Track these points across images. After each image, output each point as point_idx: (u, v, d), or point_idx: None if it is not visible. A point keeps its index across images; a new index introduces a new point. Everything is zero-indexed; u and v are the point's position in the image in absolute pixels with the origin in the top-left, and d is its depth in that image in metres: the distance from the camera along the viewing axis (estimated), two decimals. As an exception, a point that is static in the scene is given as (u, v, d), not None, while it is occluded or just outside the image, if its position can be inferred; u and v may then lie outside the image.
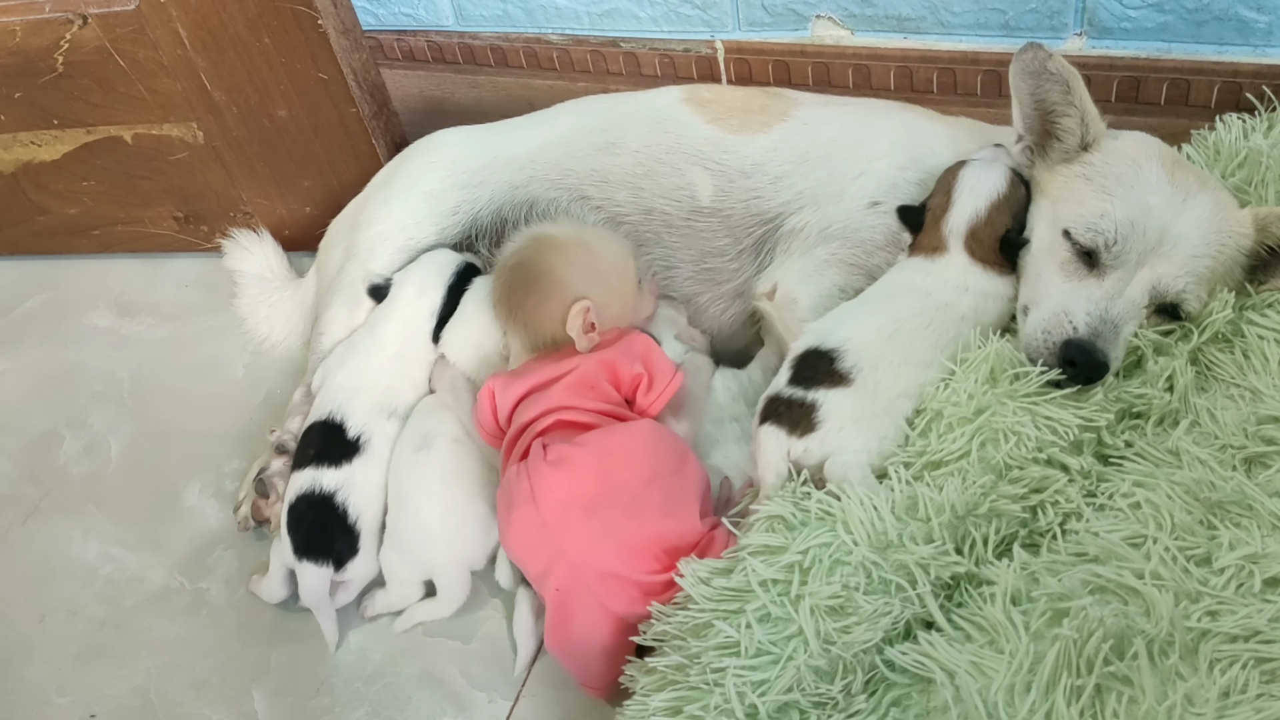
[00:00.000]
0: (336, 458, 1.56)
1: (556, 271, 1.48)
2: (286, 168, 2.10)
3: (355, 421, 1.59)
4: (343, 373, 1.67)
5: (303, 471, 1.57)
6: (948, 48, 1.79)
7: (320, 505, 1.53)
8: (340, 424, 1.59)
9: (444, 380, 1.63)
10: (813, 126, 1.66)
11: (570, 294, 1.47)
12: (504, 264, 1.53)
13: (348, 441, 1.58)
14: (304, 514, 1.54)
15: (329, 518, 1.53)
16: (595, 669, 1.34)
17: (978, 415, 1.31)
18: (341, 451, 1.57)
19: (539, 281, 1.49)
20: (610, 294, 1.51)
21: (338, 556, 1.51)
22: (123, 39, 1.94)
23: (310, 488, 1.54)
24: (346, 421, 1.59)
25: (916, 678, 1.14)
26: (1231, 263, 1.38)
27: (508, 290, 1.52)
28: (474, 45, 2.15)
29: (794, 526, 1.24)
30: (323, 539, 1.52)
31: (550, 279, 1.48)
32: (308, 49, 1.90)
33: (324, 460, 1.56)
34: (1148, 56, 1.67)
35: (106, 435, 1.98)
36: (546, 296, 1.48)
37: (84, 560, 1.76)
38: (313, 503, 1.54)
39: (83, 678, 1.60)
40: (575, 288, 1.47)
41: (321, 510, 1.53)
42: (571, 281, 1.48)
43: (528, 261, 1.51)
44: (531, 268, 1.50)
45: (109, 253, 2.36)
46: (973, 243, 1.44)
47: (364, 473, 1.56)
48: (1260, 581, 1.12)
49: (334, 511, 1.53)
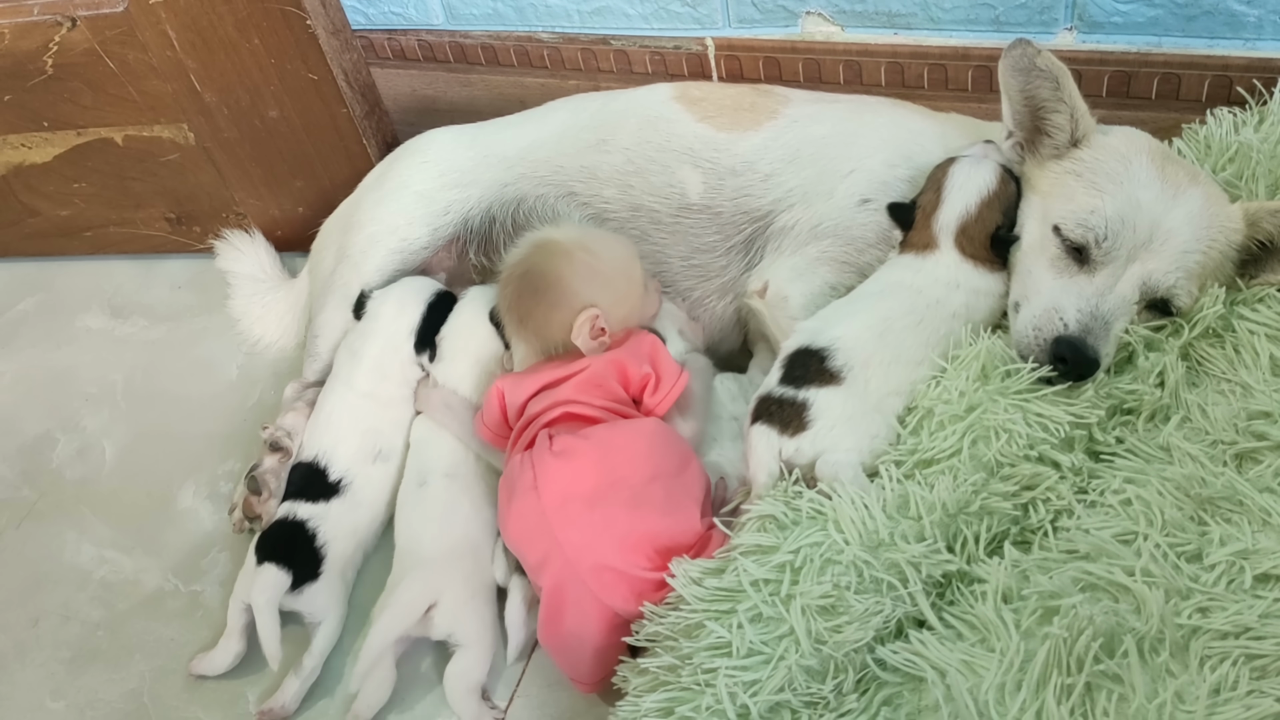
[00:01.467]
0: (315, 495, 1.58)
1: (565, 279, 1.48)
2: (278, 168, 2.10)
3: (338, 468, 1.61)
4: (324, 412, 1.67)
5: (282, 504, 1.60)
6: (938, 43, 1.78)
7: (291, 527, 1.55)
8: (323, 469, 1.61)
9: (434, 400, 1.63)
10: (803, 124, 1.66)
11: (579, 301, 1.47)
12: (511, 272, 1.52)
13: (328, 484, 1.60)
14: (274, 534, 1.56)
15: (297, 536, 1.54)
16: (586, 664, 1.34)
17: (969, 413, 1.31)
18: (321, 491, 1.59)
19: (548, 290, 1.48)
20: (618, 297, 1.51)
21: (297, 572, 1.50)
22: (112, 41, 1.93)
23: (285, 515, 1.57)
24: (330, 467, 1.61)
25: (908, 676, 1.14)
26: (1222, 258, 1.38)
27: (517, 299, 1.51)
28: (465, 44, 2.15)
29: (785, 526, 1.24)
30: (287, 550, 1.52)
31: (559, 287, 1.48)
32: (297, 49, 1.89)
33: (302, 497, 1.59)
34: (1138, 51, 1.67)
35: (100, 438, 1.97)
36: (556, 305, 1.48)
37: (78, 563, 1.76)
38: (284, 526, 1.56)
39: (76, 681, 1.60)
40: (583, 295, 1.47)
41: (292, 530, 1.55)
42: (579, 288, 1.48)
43: (535, 270, 1.50)
44: (540, 276, 1.49)
45: (101, 254, 2.35)
46: (963, 240, 1.44)
47: (339, 511, 1.58)
48: (1251, 578, 1.12)
49: (303, 532, 1.54)
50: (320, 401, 1.70)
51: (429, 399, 1.63)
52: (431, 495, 1.56)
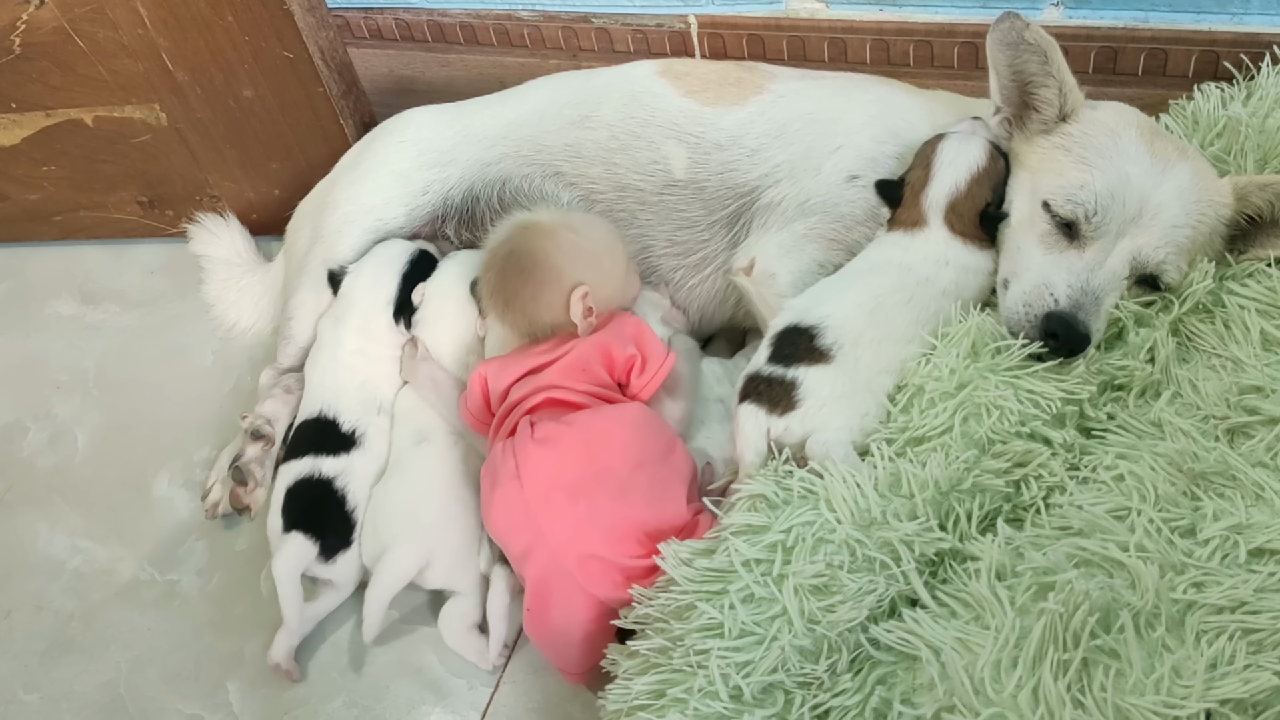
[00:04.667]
0: (334, 449, 1.55)
1: (551, 258, 1.46)
2: (253, 149, 2.06)
3: (347, 418, 1.58)
4: (317, 372, 1.65)
5: (300, 460, 1.55)
6: (924, 20, 1.76)
7: (320, 487, 1.51)
8: (333, 420, 1.58)
9: (421, 374, 1.60)
10: (789, 100, 1.64)
11: (567, 280, 1.45)
12: (494, 254, 1.49)
13: (343, 435, 1.56)
14: (302, 494, 1.52)
15: (328, 499, 1.51)
16: (573, 654, 1.32)
17: (959, 390, 1.29)
18: (339, 444, 1.55)
19: (535, 270, 1.46)
20: (604, 276, 1.49)
21: (329, 542, 1.48)
22: (81, 19, 1.89)
23: (309, 473, 1.53)
24: (339, 418, 1.58)
25: (902, 655, 1.13)
26: (1211, 232, 1.37)
27: (502, 280, 1.48)
28: (443, 22, 2.11)
29: (776, 505, 1.22)
30: (319, 516, 1.49)
31: (546, 266, 1.45)
32: (272, 27, 1.86)
33: (322, 450, 1.54)
34: (1125, 26, 1.66)
35: (72, 426, 1.93)
36: (544, 285, 1.45)
37: (50, 554, 1.73)
38: (311, 485, 1.52)
39: (50, 674, 1.57)
40: (571, 274, 1.45)
41: (320, 492, 1.51)
42: (567, 267, 1.45)
43: (520, 250, 1.47)
44: (525, 256, 1.46)
45: (71, 239, 2.30)
46: (953, 216, 1.43)
47: (362, 465, 1.55)
48: (1245, 552, 1.11)
49: (332, 495, 1.51)
50: (309, 368, 1.67)
51: (416, 373, 1.60)
52: (418, 458, 1.54)
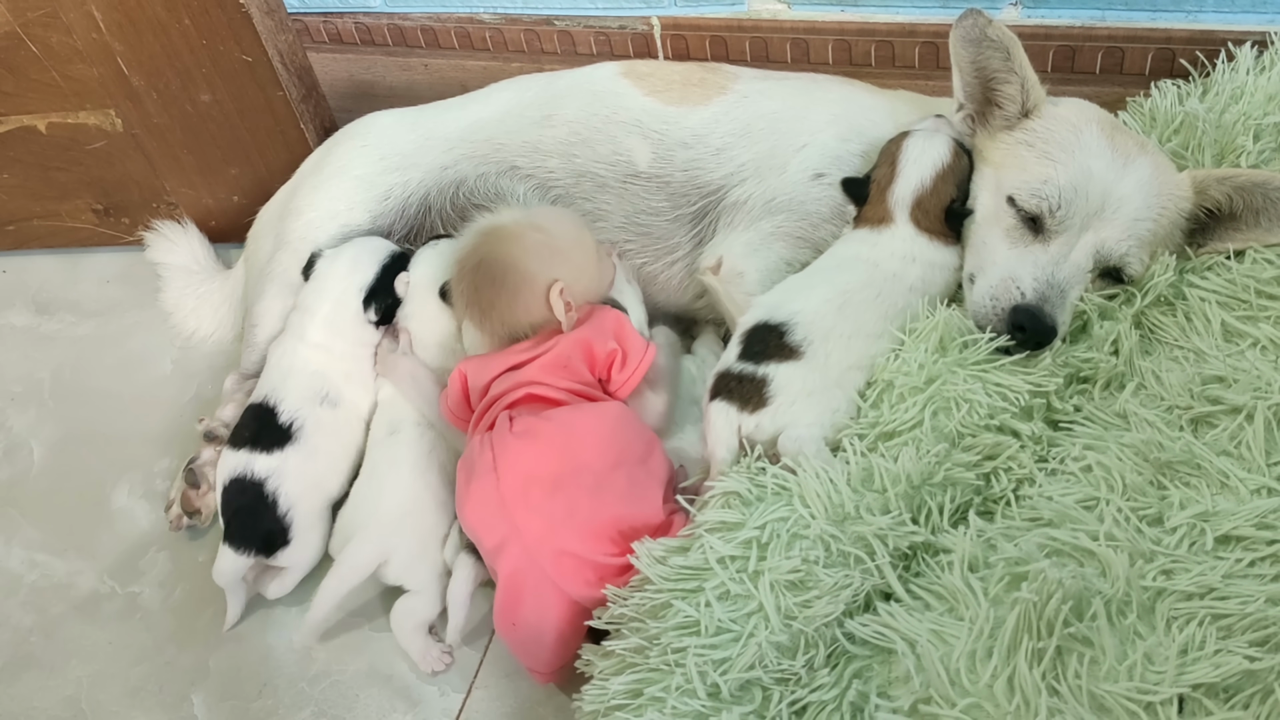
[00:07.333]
0: (269, 444, 1.52)
1: (521, 262, 1.44)
2: (211, 155, 2.03)
3: (287, 406, 1.55)
4: (275, 354, 1.63)
5: (237, 453, 1.53)
6: (885, 20, 1.78)
7: (251, 491, 1.50)
8: (273, 409, 1.55)
9: (402, 370, 1.58)
10: (753, 100, 1.65)
11: (540, 281, 1.43)
12: (463, 265, 1.47)
13: (279, 428, 1.53)
14: (234, 499, 1.51)
15: (259, 505, 1.49)
16: (544, 653, 1.30)
17: (929, 384, 1.30)
18: (273, 438, 1.53)
19: (507, 276, 1.44)
20: (576, 270, 1.47)
21: (267, 544, 1.48)
22: (34, 23, 1.85)
23: (242, 472, 1.51)
24: (279, 406, 1.55)
25: (878, 649, 1.13)
26: (1172, 226, 1.39)
27: (475, 291, 1.46)
28: (404, 26, 2.09)
29: (750, 502, 1.22)
30: (250, 526, 1.48)
31: (517, 271, 1.44)
32: (230, 30, 1.83)
33: (257, 445, 1.52)
34: (1082, 25, 1.68)
35: (28, 438, 1.89)
36: (518, 290, 1.44)
37: (7, 568, 1.68)
38: (244, 488, 1.50)
39: (9, 689, 1.53)
40: (543, 274, 1.44)
41: (252, 497, 1.49)
42: (537, 269, 1.44)
43: (489, 258, 1.45)
44: (495, 264, 1.45)
45: (25, 249, 2.26)
46: (918, 213, 1.44)
47: (295, 463, 1.52)
48: (1212, 539, 1.13)
49: (264, 500, 1.49)
50: (269, 355, 1.65)
51: (395, 368, 1.58)
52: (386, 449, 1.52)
